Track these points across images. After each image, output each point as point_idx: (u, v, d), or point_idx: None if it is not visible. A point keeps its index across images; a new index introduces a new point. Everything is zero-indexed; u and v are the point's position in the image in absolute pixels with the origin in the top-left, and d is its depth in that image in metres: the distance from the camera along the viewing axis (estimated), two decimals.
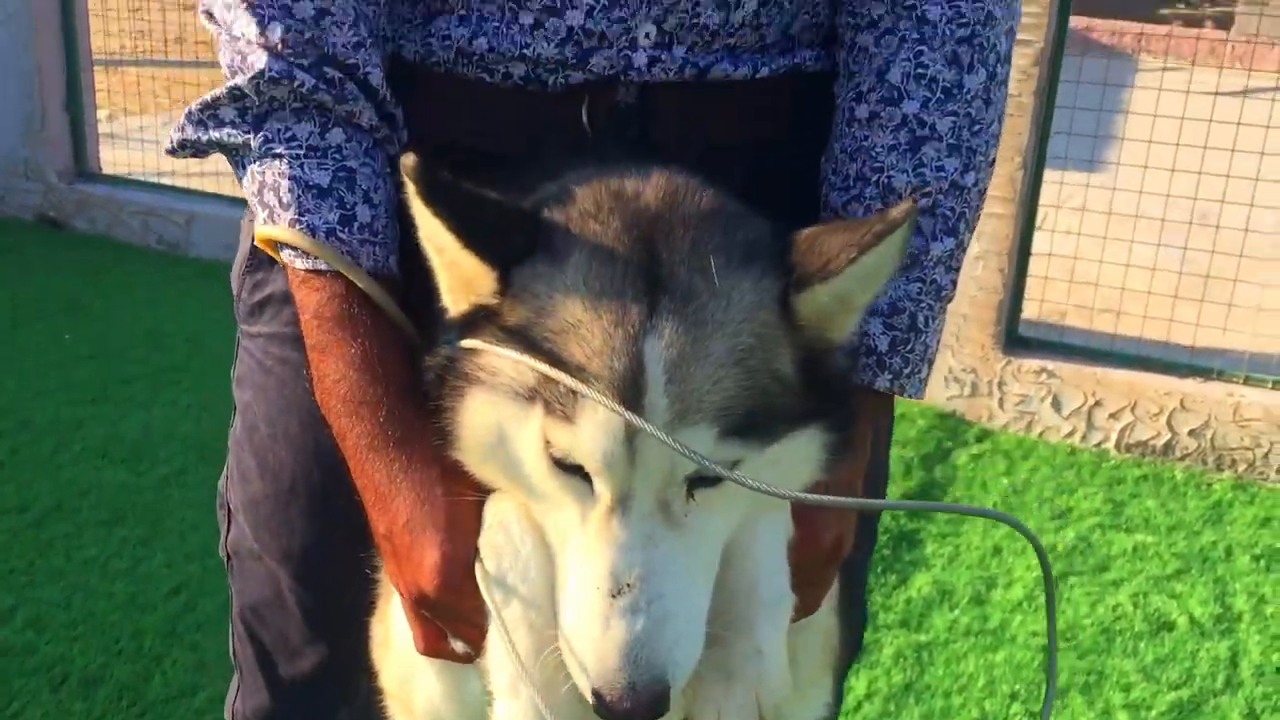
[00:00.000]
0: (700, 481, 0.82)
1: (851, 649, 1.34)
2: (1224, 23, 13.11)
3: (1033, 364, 3.95)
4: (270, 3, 0.91)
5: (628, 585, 0.78)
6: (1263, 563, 3.27)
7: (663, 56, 0.97)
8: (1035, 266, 4.03)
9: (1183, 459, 3.79)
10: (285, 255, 0.94)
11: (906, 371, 1.02)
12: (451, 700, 0.98)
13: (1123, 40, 10.65)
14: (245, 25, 0.91)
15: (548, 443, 0.81)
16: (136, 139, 5.87)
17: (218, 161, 1.00)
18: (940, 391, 4.05)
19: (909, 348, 1.01)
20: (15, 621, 2.73)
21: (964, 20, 0.97)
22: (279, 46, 0.91)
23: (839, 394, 0.90)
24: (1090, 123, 4.11)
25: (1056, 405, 3.94)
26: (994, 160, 1.02)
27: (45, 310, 4.50)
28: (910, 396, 1.04)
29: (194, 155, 0.98)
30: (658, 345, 0.79)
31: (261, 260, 1.11)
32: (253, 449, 1.15)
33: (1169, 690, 2.75)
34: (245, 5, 0.91)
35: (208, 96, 0.94)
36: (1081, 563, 3.24)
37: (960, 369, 4.02)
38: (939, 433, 3.93)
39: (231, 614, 1.26)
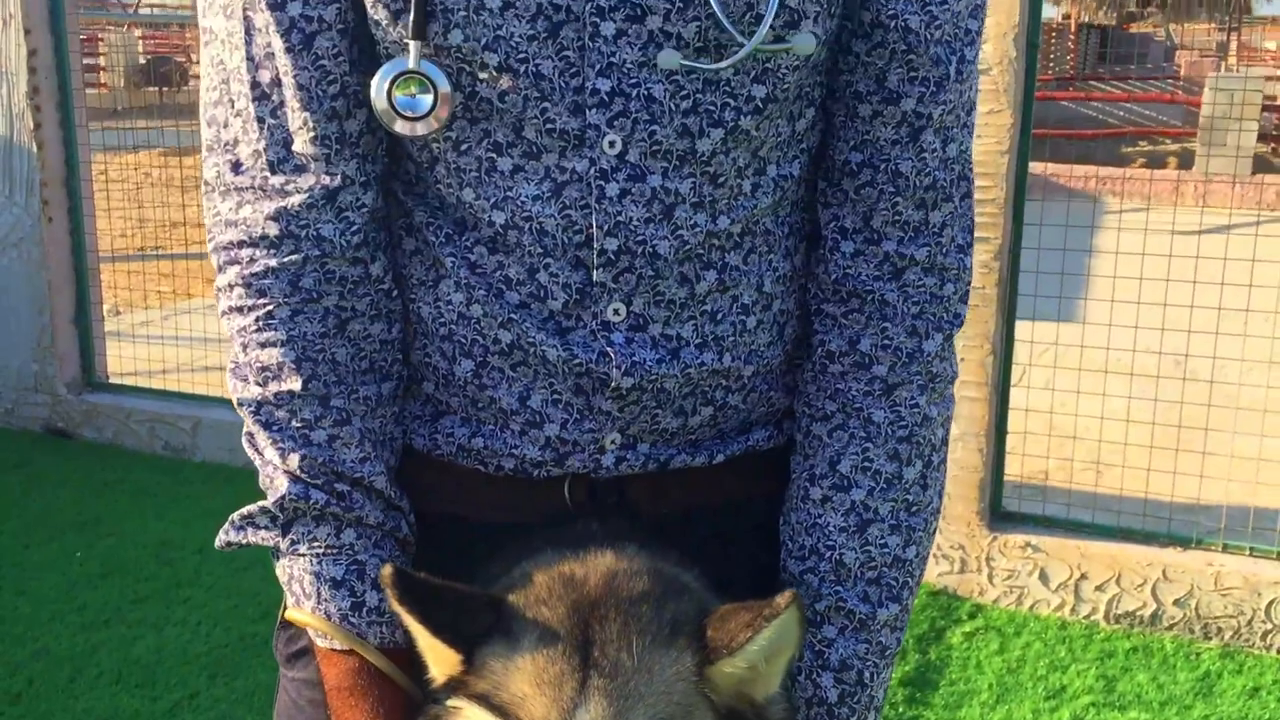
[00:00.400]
0: None
1: None
2: (1187, 161, 13.60)
3: (1018, 539, 4.08)
4: (291, 435, 1.08)
5: None
6: None
7: (628, 455, 1.13)
8: (1014, 423, 4.19)
9: (1170, 628, 3.89)
10: (310, 634, 1.11)
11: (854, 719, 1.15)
12: None
13: (1087, 184, 11.07)
14: (271, 453, 1.09)
15: None
16: (142, 337, 6.11)
17: (221, 357, 1.16)
18: (932, 568, 4.16)
19: (856, 699, 1.14)
20: None
21: (903, 423, 1.13)
22: (297, 472, 1.08)
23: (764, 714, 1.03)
24: (1057, 264, 4.33)
25: (1044, 578, 4.05)
26: (934, 531, 1.18)
27: (57, 528, 4.62)
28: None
29: (237, 549, 1.14)
30: (586, 714, 0.94)
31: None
32: None
33: None
34: (268, 437, 1.09)
35: (245, 510, 1.11)
36: None
37: (949, 546, 4.14)
38: (932, 611, 4.03)
39: None
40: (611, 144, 1.03)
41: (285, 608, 1.16)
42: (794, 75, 1.05)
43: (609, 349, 1.09)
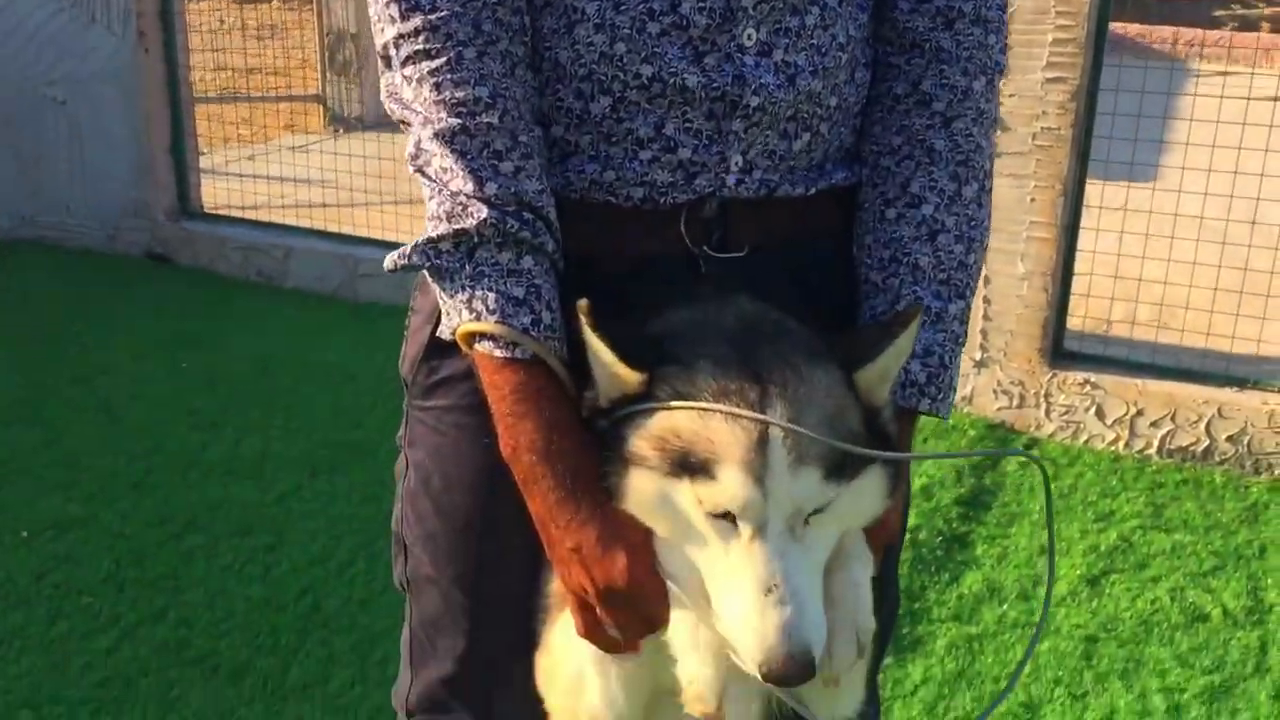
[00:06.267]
0: (813, 510, 1.15)
1: (880, 648, 1.67)
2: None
3: (1077, 376, 4.22)
4: (484, 165, 1.22)
5: (774, 586, 1.10)
6: None
7: (745, 179, 1.32)
8: (1080, 270, 4.28)
9: (1221, 463, 4.04)
10: (483, 347, 1.24)
11: (940, 397, 1.36)
12: (614, 697, 1.30)
13: (1173, 46, 10.79)
14: (463, 183, 1.22)
15: (699, 500, 1.13)
16: (234, 173, 6.34)
17: (309, 194, 1.28)
18: (989, 403, 4.33)
19: (940, 379, 1.35)
20: (169, 620, 3.12)
21: (960, 150, 1.36)
22: (493, 199, 1.22)
23: (890, 443, 1.24)
24: (1130, 129, 4.36)
25: (1100, 414, 4.20)
26: (986, 244, 1.39)
27: (162, 342, 4.93)
28: (942, 415, 1.38)
29: (406, 271, 1.29)
30: (773, 415, 1.13)
31: (436, 351, 1.41)
32: (428, 495, 1.44)
33: (1202, 675, 3.01)
34: (464, 167, 1.22)
35: (431, 234, 1.24)
36: (1123, 561, 3.51)
37: (1008, 382, 4.30)
38: (989, 443, 4.21)
39: (408, 625, 1.55)
40: None
41: (437, 332, 1.31)
42: None
43: (743, 71, 1.27)
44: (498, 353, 1.23)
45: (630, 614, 1.21)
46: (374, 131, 7.83)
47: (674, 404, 1.15)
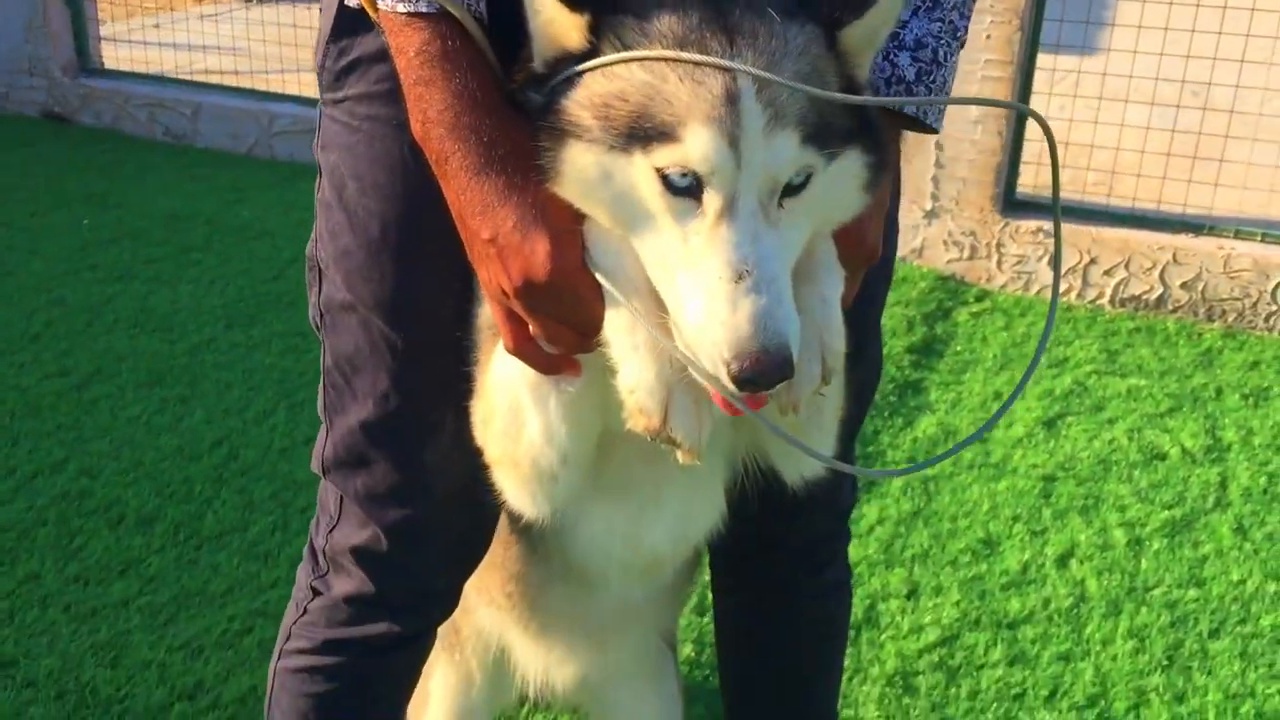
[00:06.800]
0: (786, 191, 0.99)
1: (864, 402, 1.51)
2: None
3: (1030, 225, 4.08)
4: None
5: (746, 271, 0.94)
6: (1251, 400, 3.43)
7: None
8: (1030, 136, 4.12)
9: (1175, 311, 3.94)
10: (385, 4, 1.05)
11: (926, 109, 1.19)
12: (555, 430, 1.13)
13: None
14: None
15: (659, 172, 0.96)
16: (137, 40, 5.91)
17: (219, 60, 1.09)
18: (940, 254, 4.18)
19: (931, 79, 1.17)
20: (68, 470, 2.88)
21: None
22: None
23: (873, 123, 1.07)
24: (1082, 10, 4.18)
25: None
26: None
27: (62, 199, 4.58)
28: (933, 127, 1.20)
29: None
30: (742, 65, 0.95)
31: (344, 29, 1.22)
32: (342, 205, 1.26)
33: (1162, 510, 2.92)
34: None
35: None
36: (1079, 404, 3.40)
37: (960, 232, 4.14)
38: (940, 294, 4.06)
39: (322, 370, 1.36)
40: None
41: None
42: None
43: None
44: (400, 8, 1.04)
45: (557, 315, 1.04)
46: (289, 2, 7.41)
47: (623, 55, 0.97)
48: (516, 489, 1.21)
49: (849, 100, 0.98)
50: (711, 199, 0.96)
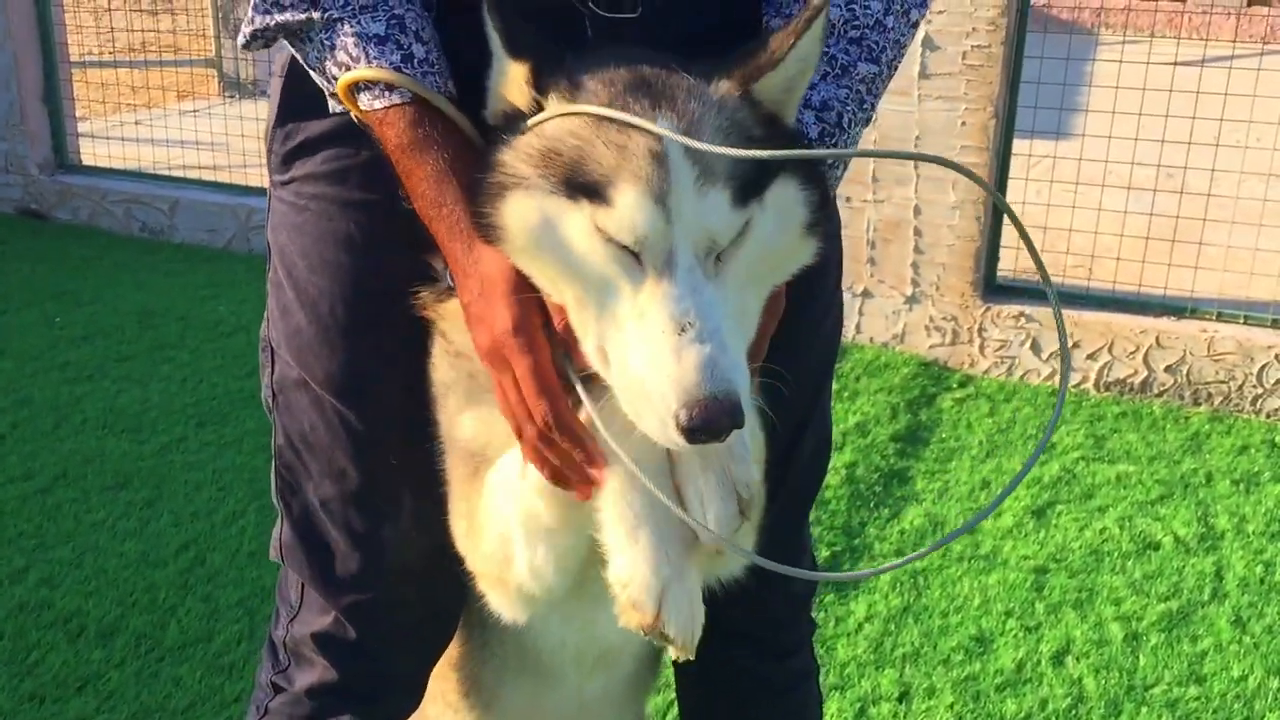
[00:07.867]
0: (721, 250, 1.01)
1: (809, 492, 1.48)
2: None
3: (1012, 309, 4.05)
4: None
5: (689, 323, 0.94)
6: (1242, 486, 3.37)
7: None
8: (1008, 229, 4.11)
9: (1160, 395, 3.89)
10: (363, 101, 1.08)
11: (829, 162, 1.20)
12: (542, 571, 1.14)
13: (1082, 16, 10.80)
14: None
15: (598, 228, 0.97)
16: (116, 137, 5.90)
17: (199, 155, 1.11)
18: (922, 340, 4.14)
19: (834, 140, 1.18)
20: (28, 580, 2.78)
21: None
22: None
23: (809, 161, 1.10)
24: (1055, 97, 4.21)
25: (1036, 349, 4.04)
26: (907, 13, 1.20)
27: (34, 297, 4.53)
28: (829, 186, 1.19)
29: (264, 46, 1.12)
30: (666, 127, 0.98)
31: (290, 113, 1.24)
32: (292, 283, 1.25)
33: (1158, 602, 2.84)
34: None
35: None
36: (1067, 492, 3.34)
37: (941, 318, 4.12)
38: (923, 380, 4.02)
39: (274, 450, 1.34)
40: None
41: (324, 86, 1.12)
42: None
43: None
44: (376, 104, 1.07)
45: (523, 375, 1.05)
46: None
47: (568, 108, 1.00)
48: (499, 598, 1.22)
49: (771, 156, 0.98)
50: (649, 256, 0.97)
